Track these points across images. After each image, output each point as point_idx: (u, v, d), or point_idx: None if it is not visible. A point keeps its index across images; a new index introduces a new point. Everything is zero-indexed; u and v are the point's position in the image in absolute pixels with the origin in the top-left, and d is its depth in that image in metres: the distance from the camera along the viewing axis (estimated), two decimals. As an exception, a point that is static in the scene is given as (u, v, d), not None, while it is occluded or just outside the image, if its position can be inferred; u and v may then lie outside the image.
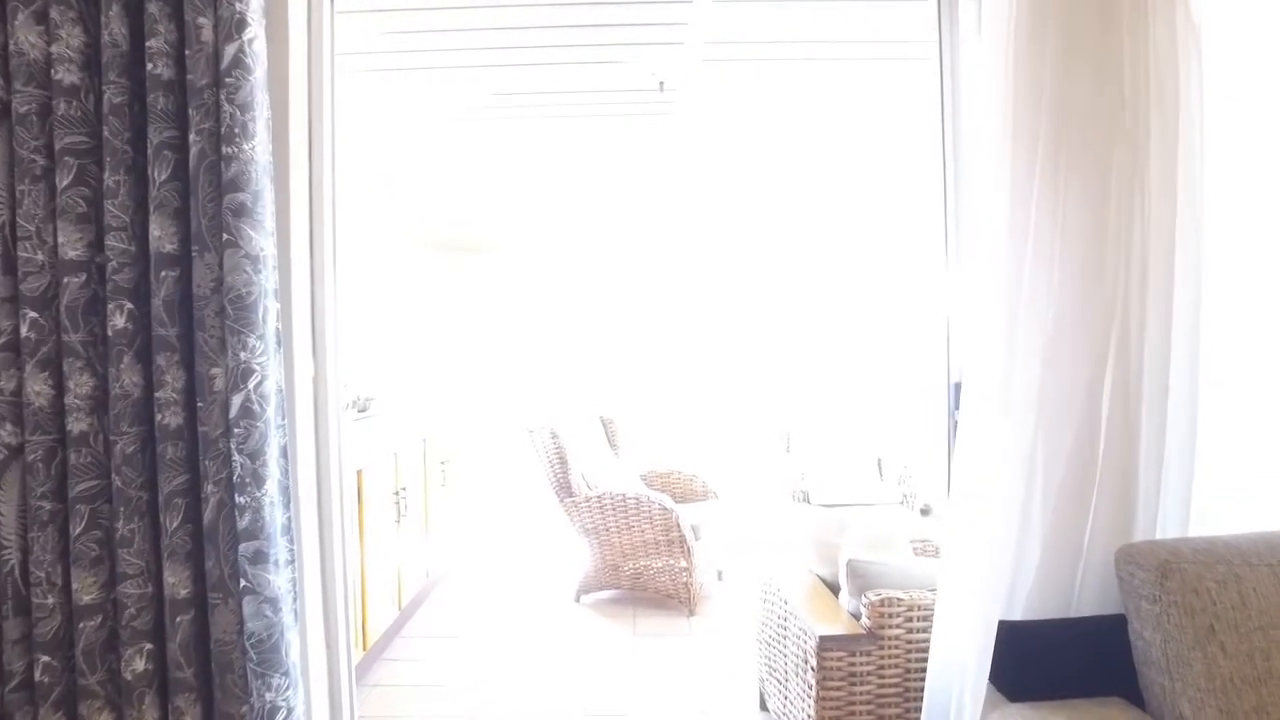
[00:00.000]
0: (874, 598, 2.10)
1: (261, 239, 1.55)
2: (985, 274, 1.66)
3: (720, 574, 4.60)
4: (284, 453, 1.63)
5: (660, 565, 4.11)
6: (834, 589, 2.53)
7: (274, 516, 1.58)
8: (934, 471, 5.47)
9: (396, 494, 3.57)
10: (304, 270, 1.77)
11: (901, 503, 4.81)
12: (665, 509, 4.03)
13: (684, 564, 4.05)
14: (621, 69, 3.47)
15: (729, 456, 5.99)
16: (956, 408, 1.91)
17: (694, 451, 6.02)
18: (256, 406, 1.53)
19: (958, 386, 1.89)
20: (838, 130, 4.35)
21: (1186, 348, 1.62)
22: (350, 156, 4.39)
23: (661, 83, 3.58)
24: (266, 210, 1.57)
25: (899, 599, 2.09)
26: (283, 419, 1.62)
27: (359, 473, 3.07)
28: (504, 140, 4.42)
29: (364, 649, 3.18)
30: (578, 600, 4.28)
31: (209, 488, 1.55)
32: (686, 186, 5.57)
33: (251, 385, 1.53)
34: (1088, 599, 1.67)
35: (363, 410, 4.86)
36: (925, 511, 5.06)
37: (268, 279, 1.57)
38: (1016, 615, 1.66)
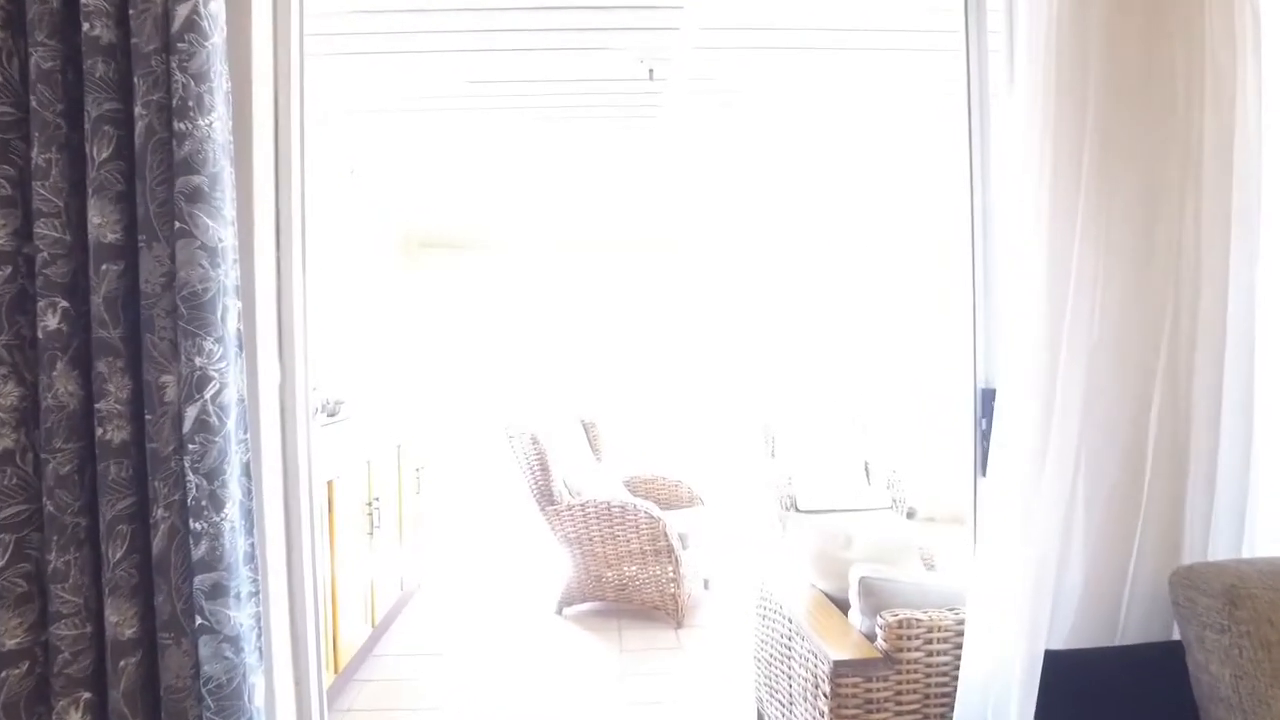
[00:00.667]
0: (890, 619, 1.95)
1: (220, 228, 1.35)
2: (1025, 279, 1.52)
3: (707, 583, 4.45)
4: (246, 471, 1.43)
5: (646, 576, 3.94)
6: (840, 605, 2.38)
7: (235, 544, 1.38)
8: (924, 475, 5.40)
9: (369, 504, 3.36)
10: (269, 264, 1.57)
11: (891, 508, 4.70)
12: (652, 517, 3.87)
13: (671, 574, 3.89)
14: (609, 56, 3.29)
15: (713, 461, 5.84)
16: (983, 415, 1.77)
17: (678, 456, 5.86)
18: (214, 419, 1.34)
19: (987, 393, 1.75)
20: (835, 124, 4.22)
21: (1242, 364, 1.50)
22: (317, 143, 4.17)
23: (651, 70, 3.40)
24: (226, 195, 1.38)
25: (917, 620, 1.95)
26: (245, 433, 1.43)
27: (330, 484, 2.86)
28: (481, 132, 4.23)
29: (335, 671, 2.97)
30: (560, 613, 4.10)
31: (159, 512, 1.35)
32: (674, 183, 5.41)
33: (208, 395, 1.33)
34: (1133, 625, 1.55)
35: (332, 414, 4.63)
36: (910, 515, 4.96)
37: (227, 274, 1.37)
38: (1058, 644, 1.53)
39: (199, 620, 1.35)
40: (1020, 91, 1.55)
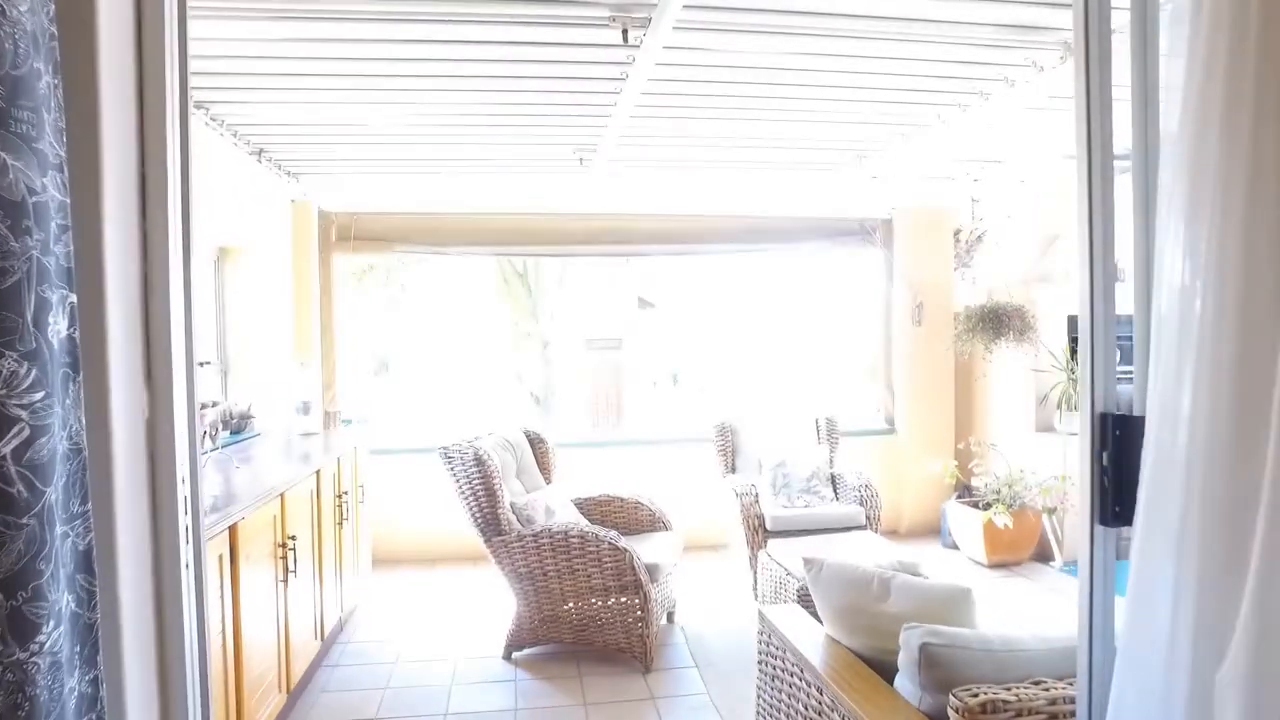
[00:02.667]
0: (971, 700, 1.55)
1: (29, 170, 0.82)
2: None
3: (670, 615, 4.00)
4: (87, 563, 0.90)
5: (610, 615, 3.46)
6: (870, 664, 1.98)
7: (59, 695, 0.85)
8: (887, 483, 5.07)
9: (283, 545, 2.77)
10: (126, 233, 1.04)
11: (865, 526, 4.36)
12: (617, 549, 3.39)
13: (639, 612, 3.42)
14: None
15: (671, 478, 5.41)
16: (1105, 446, 1.38)
17: (631, 473, 5.41)
18: (18, 488, 0.80)
19: (1114, 421, 1.37)
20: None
21: None
22: (220, 119, 3.52)
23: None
24: (44, 121, 0.85)
25: (1004, 701, 1.55)
26: (84, 503, 0.90)
27: (232, 529, 2.28)
28: (409, 114, 3.67)
29: (238, 760, 2.38)
30: (509, 658, 3.57)
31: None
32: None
33: (7, 448, 0.80)
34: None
35: (237, 431, 3.97)
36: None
37: (48, 248, 0.84)
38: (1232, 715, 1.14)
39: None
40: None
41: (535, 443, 4.27)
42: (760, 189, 5.68)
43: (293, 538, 2.85)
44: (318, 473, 3.32)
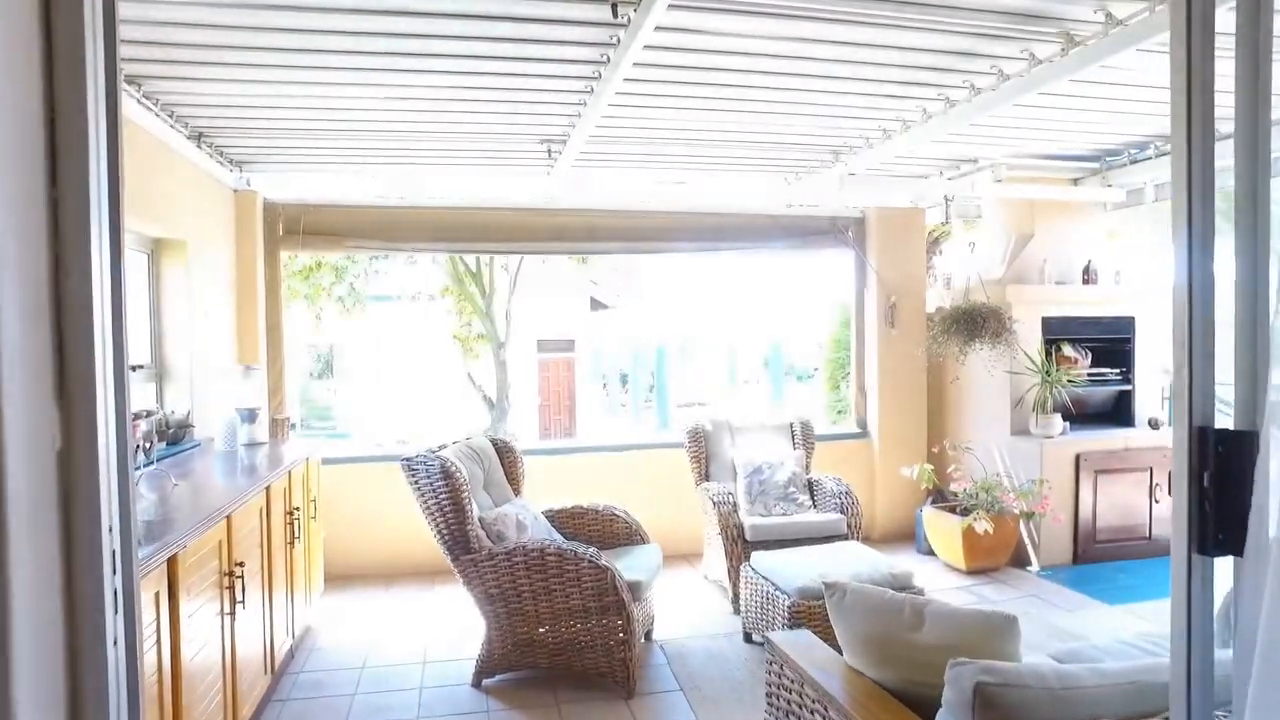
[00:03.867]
0: (1040, 751, 1.37)
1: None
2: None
3: (649, 632, 3.78)
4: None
5: (589, 638, 3.23)
6: (900, 698, 1.80)
7: None
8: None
9: (229, 574, 2.47)
10: (27, 209, 0.77)
11: (847, 535, 4.21)
12: (598, 567, 3.16)
13: (621, 634, 3.20)
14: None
15: (638, 484, 5.20)
16: (1205, 466, 1.21)
17: (595, 480, 5.18)
18: None
19: (1216, 436, 1.20)
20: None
21: None
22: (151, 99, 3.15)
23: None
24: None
25: (1076, 751, 1.38)
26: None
27: (171, 561, 1.98)
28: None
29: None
30: (479, 685, 3.31)
31: None
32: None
33: None
34: None
35: (174, 442, 3.62)
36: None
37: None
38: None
39: None
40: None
41: (503, 452, 4.01)
42: (731, 186, 5.52)
43: (240, 564, 2.54)
44: (267, 489, 3.01)
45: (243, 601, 2.54)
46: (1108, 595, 4.30)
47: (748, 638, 3.74)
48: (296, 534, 3.42)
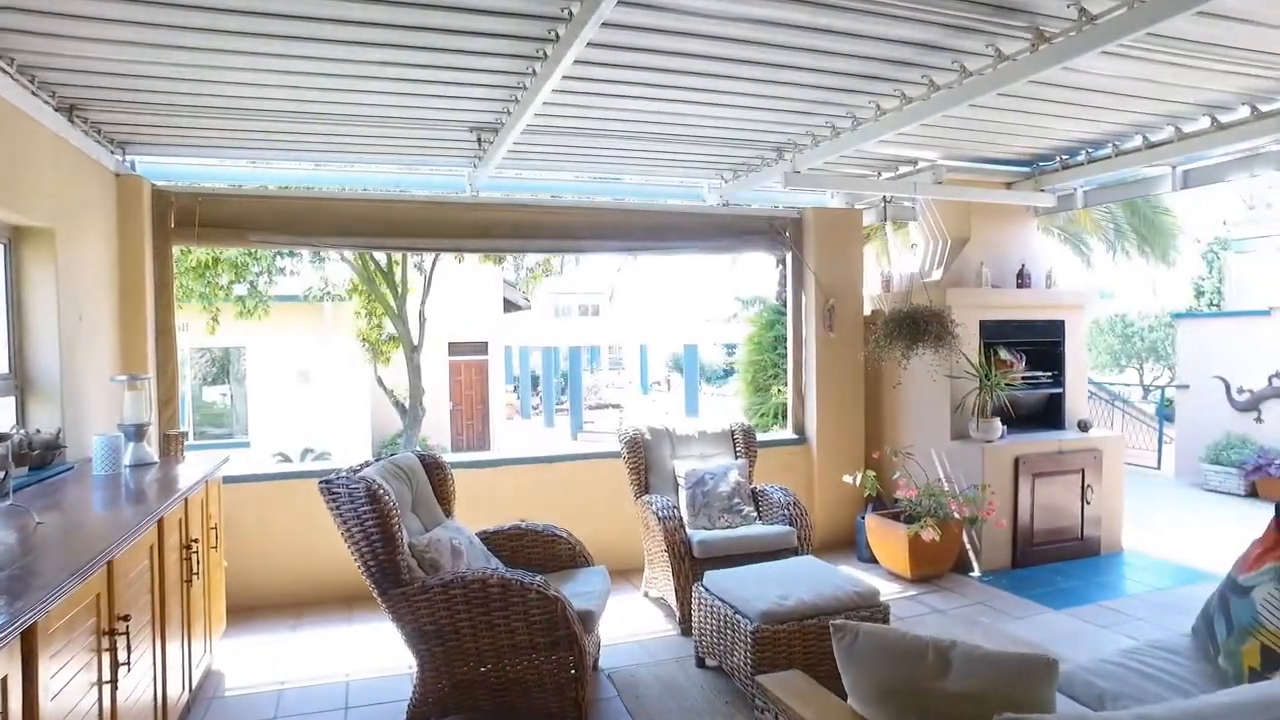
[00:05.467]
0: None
1: None
2: None
3: (595, 662, 3.49)
4: None
5: (537, 677, 2.91)
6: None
7: None
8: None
9: (110, 632, 2.04)
10: None
11: (797, 549, 4.04)
12: (546, 597, 2.85)
13: (572, 670, 2.90)
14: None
15: (576, 497, 4.90)
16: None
17: (530, 496, 4.85)
18: None
19: None
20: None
21: None
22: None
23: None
24: None
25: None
26: None
27: (28, 633, 1.57)
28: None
29: None
30: (411, 734, 2.95)
31: None
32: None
33: None
34: None
35: (40, 466, 3.08)
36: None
37: None
38: None
39: None
40: None
41: (432, 468, 3.63)
42: (671, 183, 5.29)
43: (125, 618, 2.11)
44: (160, 521, 2.56)
45: (127, 664, 2.11)
46: (1050, 600, 4.30)
47: (700, 663, 3.51)
48: (195, 570, 2.96)
